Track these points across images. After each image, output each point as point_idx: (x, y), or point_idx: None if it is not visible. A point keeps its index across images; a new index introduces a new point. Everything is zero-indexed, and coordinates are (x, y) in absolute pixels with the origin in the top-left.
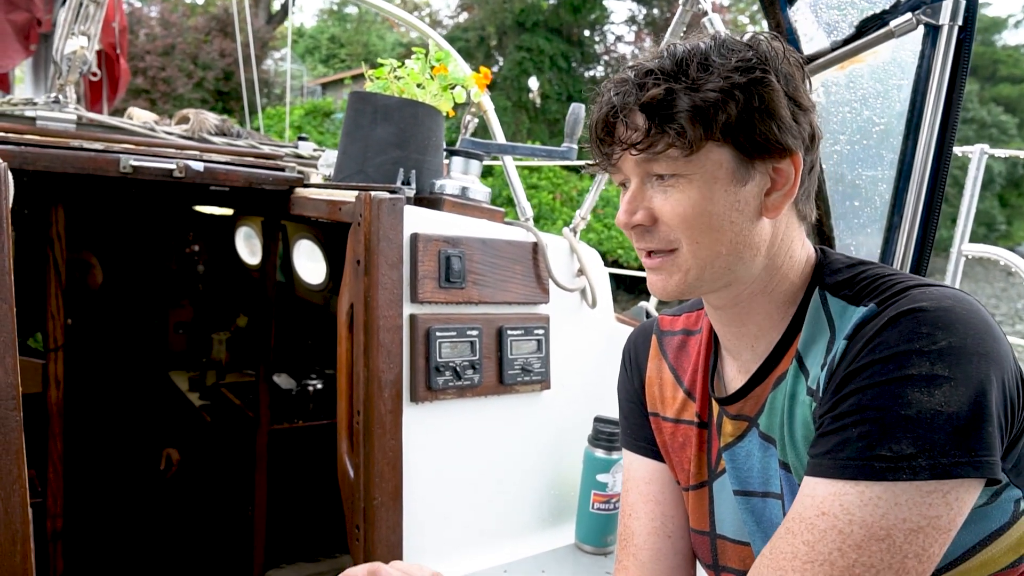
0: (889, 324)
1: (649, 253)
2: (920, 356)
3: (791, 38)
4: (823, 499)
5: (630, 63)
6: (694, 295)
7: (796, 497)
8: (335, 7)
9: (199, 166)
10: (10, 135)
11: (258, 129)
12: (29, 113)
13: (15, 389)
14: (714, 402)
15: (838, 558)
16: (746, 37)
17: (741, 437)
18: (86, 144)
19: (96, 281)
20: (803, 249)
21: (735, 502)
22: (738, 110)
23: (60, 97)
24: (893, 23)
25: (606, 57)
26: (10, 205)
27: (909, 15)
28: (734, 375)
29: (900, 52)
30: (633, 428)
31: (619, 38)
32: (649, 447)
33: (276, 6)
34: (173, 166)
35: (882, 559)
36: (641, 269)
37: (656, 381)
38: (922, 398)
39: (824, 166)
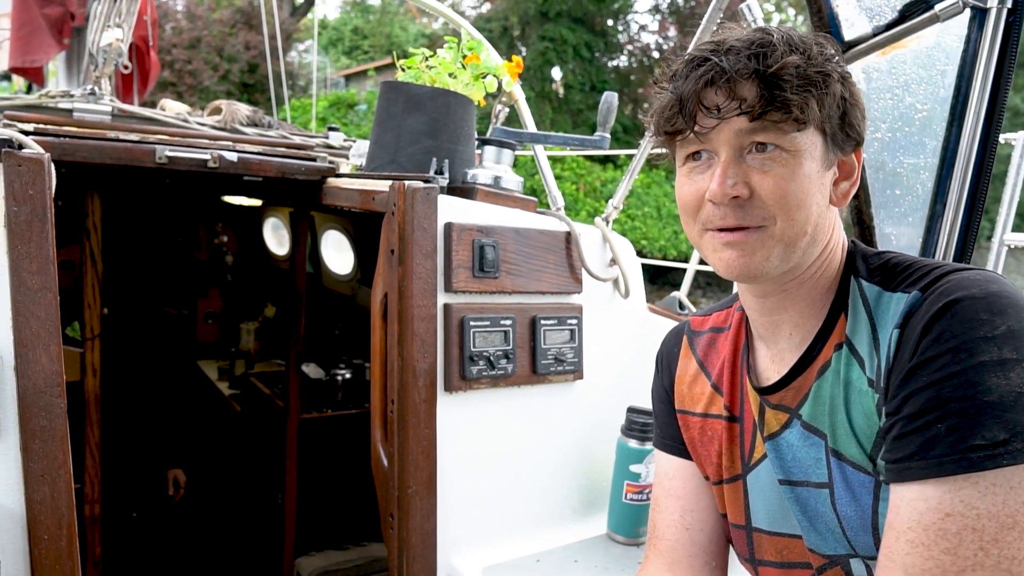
0: (944, 312)
1: (729, 229)
2: (987, 342)
3: (832, 23)
4: (939, 500)
5: (706, 40)
6: (767, 278)
7: (897, 505)
8: None
9: (233, 156)
10: (49, 127)
11: (285, 120)
12: (66, 105)
13: (59, 376)
14: (750, 395)
15: (984, 558)
16: (809, 35)
17: (783, 428)
18: (122, 135)
19: None
20: (841, 239)
21: (778, 492)
22: (838, 95)
23: (96, 89)
24: (938, 6)
25: (630, 47)
26: (52, 195)
27: None
28: (767, 364)
29: (945, 36)
30: (662, 426)
31: (643, 27)
32: (674, 444)
33: None
34: (208, 156)
35: (1020, 547)
36: (665, 259)
37: (685, 379)
38: (1000, 382)
39: (865, 154)
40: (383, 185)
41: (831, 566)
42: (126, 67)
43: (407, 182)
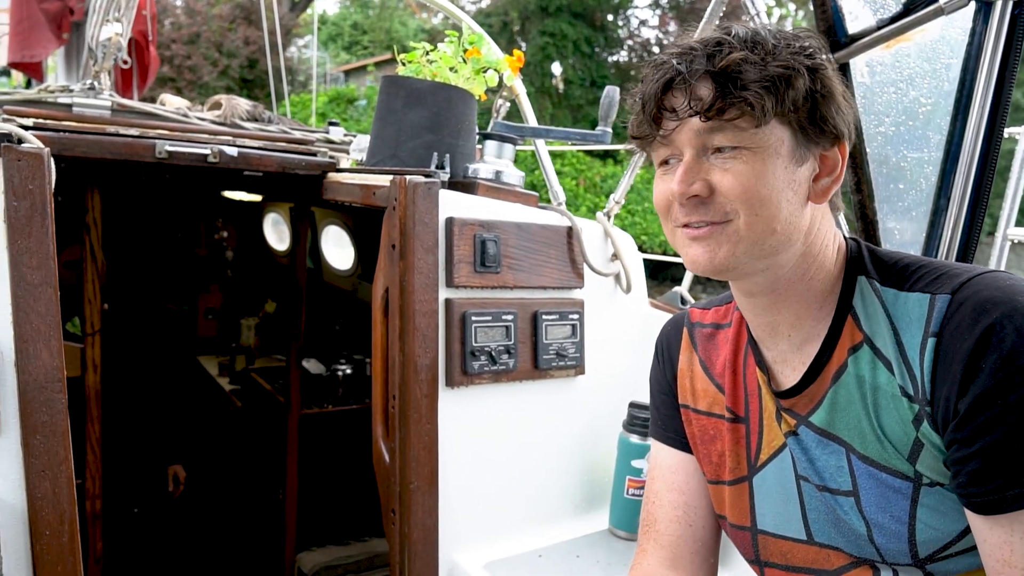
0: (1001, 326)
1: (692, 224)
2: None
3: (836, 16)
4: None
5: (675, 42)
6: (735, 273)
7: (1008, 540)
8: None
9: (233, 151)
10: (48, 121)
11: (285, 115)
12: (65, 100)
13: (60, 372)
14: (764, 395)
15: None
16: (788, 30)
17: (793, 432)
18: (122, 130)
19: None
20: (836, 239)
21: (784, 493)
22: (804, 89)
23: (95, 84)
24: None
25: (630, 42)
26: (52, 190)
27: None
28: (771, 365)
29: (949, 30)
30: (664, 419)
31: (643, 22)
32: (677, 438)
33: None
34: (208, 151)
35: None
36: (666, 254)
37: (688, 373)
38: None
39: (868, 148)
40: (384, 180)
41: (855, 566)
42: (125, 62)
43: (408, 177)
